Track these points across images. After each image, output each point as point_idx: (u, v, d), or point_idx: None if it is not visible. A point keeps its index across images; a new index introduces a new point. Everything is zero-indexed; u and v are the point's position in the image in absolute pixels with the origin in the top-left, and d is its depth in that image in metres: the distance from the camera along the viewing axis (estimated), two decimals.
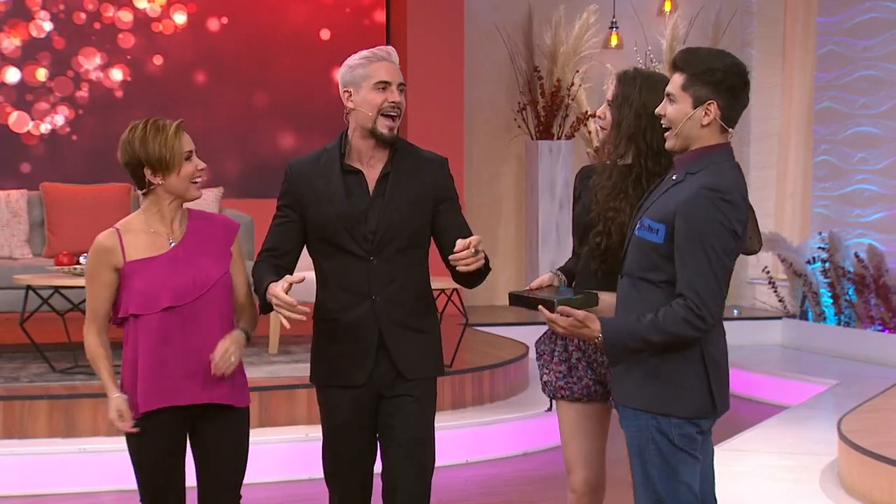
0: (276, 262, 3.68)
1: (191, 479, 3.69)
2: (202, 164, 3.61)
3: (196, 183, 3.60)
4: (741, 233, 3.23)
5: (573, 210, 3.91)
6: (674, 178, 3.30)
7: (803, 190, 11.03)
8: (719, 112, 3.26)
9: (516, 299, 3.65)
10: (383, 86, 3.64)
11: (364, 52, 3.70)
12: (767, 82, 11.28)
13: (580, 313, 3.26)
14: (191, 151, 3.59)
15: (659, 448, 3.27)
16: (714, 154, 3.28)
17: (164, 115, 3.72)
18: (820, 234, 10.12)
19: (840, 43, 10.48)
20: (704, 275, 3.16)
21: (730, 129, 3.31)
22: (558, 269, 3.86)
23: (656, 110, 3.37)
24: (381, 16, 10.70)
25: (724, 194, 3.19)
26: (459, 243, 3.46)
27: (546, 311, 3.32)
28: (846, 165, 10.37)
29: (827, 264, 9.88)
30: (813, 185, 10.80)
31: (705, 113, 3.25)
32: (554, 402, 3.88)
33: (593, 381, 3.76)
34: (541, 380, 3.89)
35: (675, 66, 3.32)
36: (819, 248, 9.97)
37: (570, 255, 3.94)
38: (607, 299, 3.62)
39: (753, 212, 3.45)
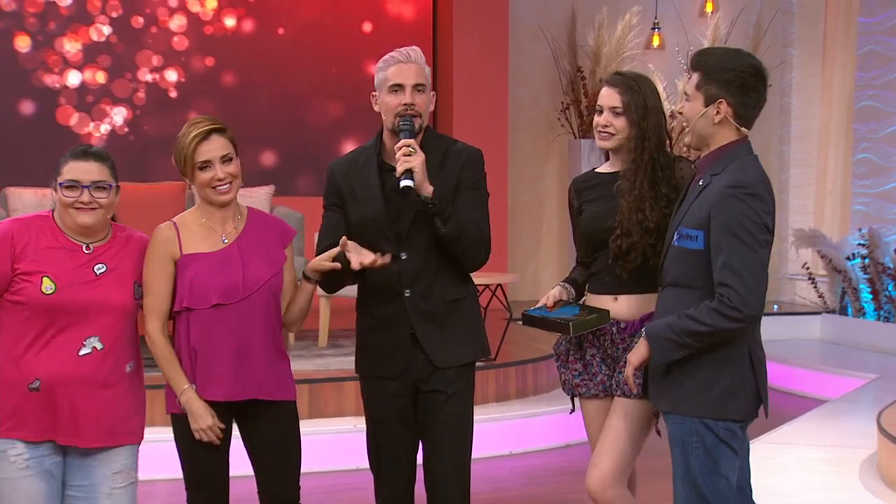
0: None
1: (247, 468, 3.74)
2: (221, 174, 3.51)
3: (216, 188, 3.52)
4: (771, 224, 3.26)
5: (573, 221, 3.93)
6: (700, 183, 3.34)
7: (843, 187, 11.04)
8: (730, 110, 3.30)
9: (530, 320, 3.75)
10: (396, 88, 3.64)
11: (387, 55, 3.70)
12: (808, 82, 11.31)
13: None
14: (206, 161, 3.50)
15: (703, 441, 3.29)
16: (731, 152, 3.31)
17: (215, 114, 3.62)
18: (860, 230, 10.11)
19: (881, 43, 10.50)
20: (736, 269, 3.18)
21: (744, 129, 3.33)
22: (565, 282, 3.88)
23: (675, 108, 3.46)
24: (408, 12, 10.82)
25: (748, 189, 3.22)
26: None
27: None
28: (886, 163, 10.39)
29: (866, 260, 9.87)
30: (853, 182, 10.80)
31: (717, 111, 3.30)
32: (576, 400, 3.95)
33: (608, 376, 3.80)
34: (560, 379, 3.97)
35: (692, 65, 3.37)
36: (859, 244, 9.96)
37: (575, 265, 3.96)
38: (626, 301, 3.72)
39: None
